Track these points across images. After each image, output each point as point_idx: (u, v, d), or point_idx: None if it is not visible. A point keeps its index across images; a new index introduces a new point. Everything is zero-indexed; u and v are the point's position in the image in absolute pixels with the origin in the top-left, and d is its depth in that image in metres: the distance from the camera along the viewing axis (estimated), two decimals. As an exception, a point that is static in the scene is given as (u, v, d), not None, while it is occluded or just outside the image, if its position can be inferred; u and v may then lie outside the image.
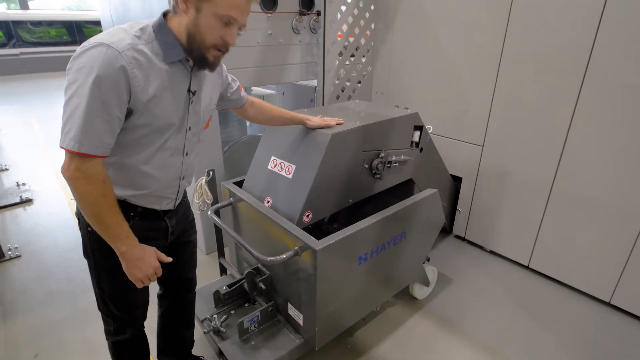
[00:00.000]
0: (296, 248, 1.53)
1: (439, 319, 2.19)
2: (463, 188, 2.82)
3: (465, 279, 2.54)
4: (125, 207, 1.18)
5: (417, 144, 2.22)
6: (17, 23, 12.15)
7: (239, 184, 2.02)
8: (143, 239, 1.18)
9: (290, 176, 1.77)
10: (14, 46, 12.15)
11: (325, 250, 1.49)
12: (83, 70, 0.96)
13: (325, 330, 1.71)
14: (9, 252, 2.77)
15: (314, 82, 3.18)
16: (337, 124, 1.79)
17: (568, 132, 2.19)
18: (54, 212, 3.43)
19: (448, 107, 2.74)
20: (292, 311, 1.75)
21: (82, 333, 2.07)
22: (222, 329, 1.76)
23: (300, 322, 1.71)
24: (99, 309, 1.38)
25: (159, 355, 1.72)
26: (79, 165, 1.00)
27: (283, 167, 1.81)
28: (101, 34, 1.04)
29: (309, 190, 1.67)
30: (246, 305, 1.95)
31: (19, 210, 3.49)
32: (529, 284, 2.49)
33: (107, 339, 1.45)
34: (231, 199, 1.96)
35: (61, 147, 0.99)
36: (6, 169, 4.43)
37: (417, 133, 2.19)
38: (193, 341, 1.79)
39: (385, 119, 1.94)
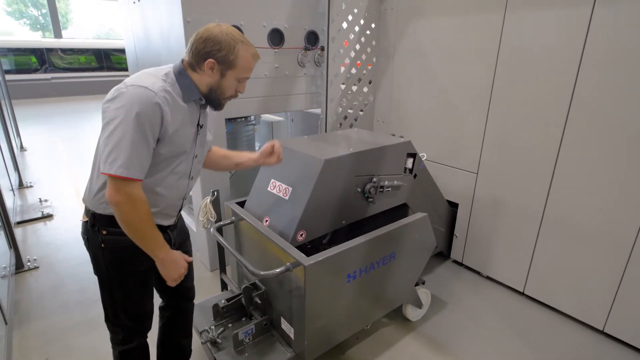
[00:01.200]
0: (288, 264, 1.64)
1: (431, 341, 2.23)
2: (459, 214, 2.91)
3: (461, 303, 2.58)
4: None
5: (411, 171, 2.34)
6: (50, 50, 13.02)
7: (242, 204, 2.17)
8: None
9: (286, 197, 1.91)
10: (45, 71, 12.97)
11: (314, 267, 1.60)
12: (123, 108, 1.16)
13: (315, 345, 1.79)
14: (28, 264, 2.96)
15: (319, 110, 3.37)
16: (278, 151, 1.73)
17: (556, 161, 2.28)
18: (71, 228, 3.63)
19: (444, 135, 2.87)
20: (285, 325, 1.85)
21: (90, 340, 2.20)
22: (218, 340, 1.87)
23: (292, 336, 1.81)
24: (108, 320, 1.50)
25: None
26: (126, 190, 1.19)
27: (281, 189, 1.96)
28: (134, 78, 1.23)
29: (303, 211, 1.80)
30: (243, 319, 2.05)
31: (39, 225, 3.72)
32: (524, 310, 2.52)
33: (114, 348, 1.55)
34: (233, 217, 2.11)
35: (108, 174, 1.16)
36: (30, 186, 4.72)
37: (411, 160, 2.32)
38: (191, 350, 1.89)
39: (377, 147, 2.08)
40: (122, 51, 14.08)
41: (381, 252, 1.92)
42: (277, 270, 1.63)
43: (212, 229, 2.01)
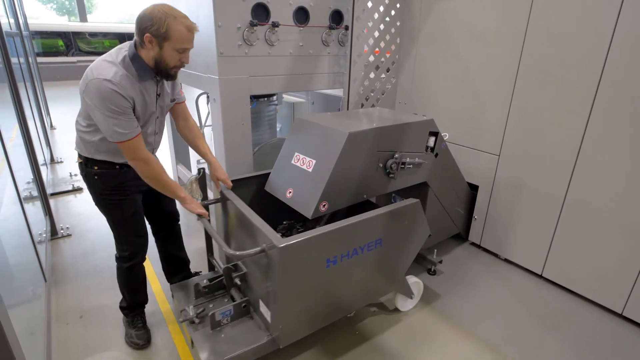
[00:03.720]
0: (264, 245, 1.60)
1: (446, 316, 2.28)
2: (479, 196, 2.91)
3: (477, 283, 2.61)
4: (119, 164, 1.79)
5: (432, 149, 2.36)
6: (76, 34, 13.34)
7: (266, 176, 2.23)
8: (133, 180, 1.79)
9: (310, 170, 1.96)
10: (72, 55, 13.32)
11: (288, 249, 1.53)
12: (98, 106, 1.53)
13: (291, 329, 1.73)
14: (62, 231, 3.13)
15: (341, 92, 3.39)
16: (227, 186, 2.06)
17: (581, 144, 2.26)
18: (100, 201, 3.80)
19: (467, 117, 2.86)
20: (263, 308, 1.79)
21: (119, 299, 2.33)
22: (196, 319, 1.85)
23: (269, 319, 1.75)
24: (118, 242, 1.92)
25: (169, 279, 2.32)
26: (137, 154, 1.63)
27: (305, 161, 2.01)
28: (97, 66, 1.55)
29: (326, 183, 1.85)
30: (226, 300, 2.02)
31: (70, 197, 3.90)
32: (541, 292, 2.53)
33: (121, 266, 1.96)
34: (219, 197, 2.08)
35: (116, 142, 1.59)
36: (61, 162, 4.92)
37: (432, 139, 2.34)
38: (188, 260, 2.37)
39: (400, 123, 2.11)
40: (145, 35, 14.31)
41: (365, 237, 1.82)
42: (251, 251, 1.60)
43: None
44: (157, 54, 1.59)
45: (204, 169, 2.08)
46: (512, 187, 2.68)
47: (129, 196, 1.84)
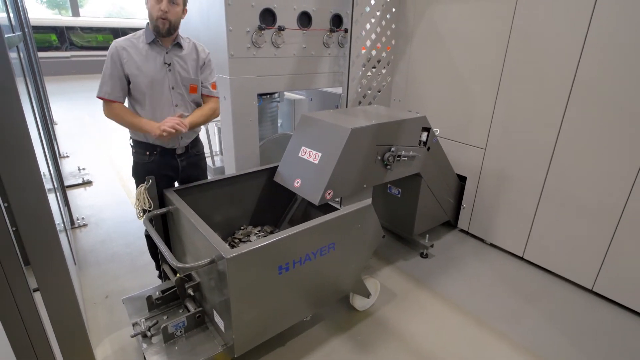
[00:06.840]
0: (214, 256, 1.59)
1: (437, 293, 2.54)
2: (467, 186, 3.17)
3: (465, 265, 2.87)
4: (147, 146, 2.05)
5: (425, 143, 2.61)
6: (70, 28, 13.31)
7: (274, 169, 2.46)
8: (159, 169, 2.05)
9: (316, 162, 2.19)
10: (65, 49, 13.29)
11: (236, 259, 1.51)
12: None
13: (244, 338, 1.72)
14: (78, 221, 3.31)
15: (338, 90, 3.61)
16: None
17: (557, 138, 2.53)
18: (110, 193, 3.99)
19: (456, 114, 3.11)
20: (217, 318, 1.78)
21: (140, 283, 2.55)
22: (148, 333, 1.79)
23: (223, 328, 1.74)
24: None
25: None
26: (107, 108, 1.98)
27: (311, 154, 2.24)
28: None
29: (331, 173, 2.08)
30: (181, 310, 1.97)
31: (80, 190, 4.08)
32: (522, 272, 2.81)
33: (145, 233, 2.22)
34: (170, 207, 2.06)
35: (97, 96, 1.95)
36: (67, 156, 5.08)
37: (425, 134, 2.58)
38: None
39: (396, 120, 2.35)
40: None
41: (318, 242, 1.82)
42: (199, 263, 1.58)
43: (143, 219, 1.98)
44: (147, 10, 1.88)
45: (153, 177, 2.01)
46: (497, 178, 2.94)
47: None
